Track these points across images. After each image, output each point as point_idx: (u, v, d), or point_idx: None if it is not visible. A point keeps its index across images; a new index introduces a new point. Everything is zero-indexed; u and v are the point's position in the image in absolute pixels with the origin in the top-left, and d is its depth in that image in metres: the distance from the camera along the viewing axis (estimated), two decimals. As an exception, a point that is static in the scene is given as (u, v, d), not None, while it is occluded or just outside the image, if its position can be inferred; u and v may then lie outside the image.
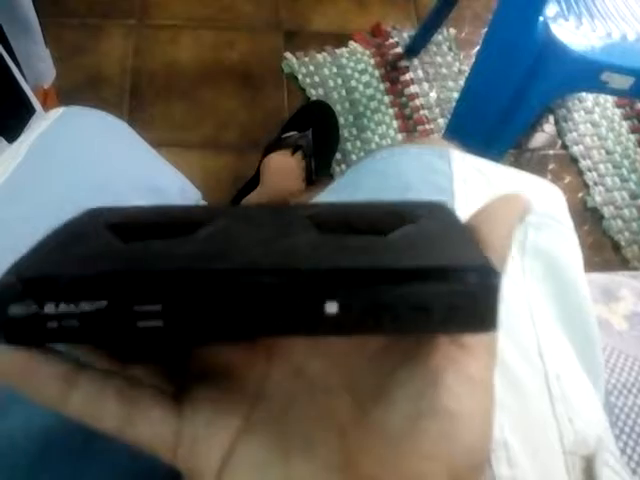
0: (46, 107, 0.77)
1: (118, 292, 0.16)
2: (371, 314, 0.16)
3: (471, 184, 0.39)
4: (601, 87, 0.78)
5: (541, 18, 0.76)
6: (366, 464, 0.18)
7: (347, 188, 0.39)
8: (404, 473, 0.17)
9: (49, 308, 0.16)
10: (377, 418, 0.18)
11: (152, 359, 0.20)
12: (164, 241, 0.19)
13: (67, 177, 0.34)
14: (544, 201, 0.40)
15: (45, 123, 0.39)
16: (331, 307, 0.16)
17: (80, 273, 0.16)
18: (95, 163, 0.36)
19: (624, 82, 0.77)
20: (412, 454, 0.17)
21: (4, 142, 0.53)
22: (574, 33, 0.78)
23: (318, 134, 1.04)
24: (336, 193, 0.40)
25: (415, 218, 0.21)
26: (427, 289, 0.16)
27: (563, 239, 0.39)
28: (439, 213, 0.22)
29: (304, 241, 0.19)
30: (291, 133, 1.04)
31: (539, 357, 0.31)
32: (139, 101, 1.15)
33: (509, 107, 0.84)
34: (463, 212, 0.38)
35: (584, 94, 1.27)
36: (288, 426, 0.19)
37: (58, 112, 0.40)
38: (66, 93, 1.08)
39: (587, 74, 0.78)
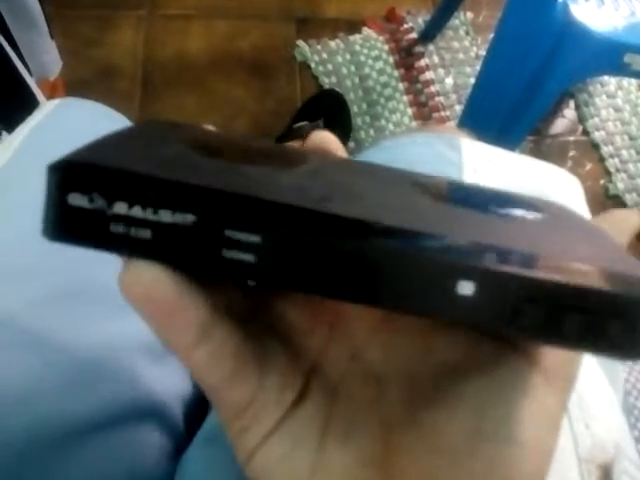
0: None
1: (213, 207, 0.13)
2: (511, 307, 0.13)
3: (482, 174, 0.37)
4: (624, 70, 0.75)
5: (560, -2, 0.73)
6: (403, 465, 0.16)
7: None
8: None
9: (119, 207, 0.13)
10: (430, 423, 0.17)
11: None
12: (261, 168, 0.15)
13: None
14: (561, 191, 0.38)
15: (40, 115, 0.38)
16: (465, 288, 0.13)
17: (169, 176, 0.13)
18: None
19: (648, 64, 0.74)
20: (459, 470, 0.16)
21: (5, 134, 0.53)
22: (595, 13, 0.75)
23: (330, 123, 1.03)
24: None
25: (542, 209, 0.18)
26: (586, 289, 0.13)
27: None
28: (559, 207, 0.19)
29: (426, 205, 0.15)
30: (302, 123, 1.02)
31: None
32: (151, 92, 1.14)
33: (527, 92, 0.81)
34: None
35: (606, 78, 1.23)
36: (334, 407, 0.18)
37: (53, 104, 0.39)
38: (77, 85, 1.08)
39: (609, 56, 0.75)
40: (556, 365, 0.17)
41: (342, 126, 1.08)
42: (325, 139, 0.21)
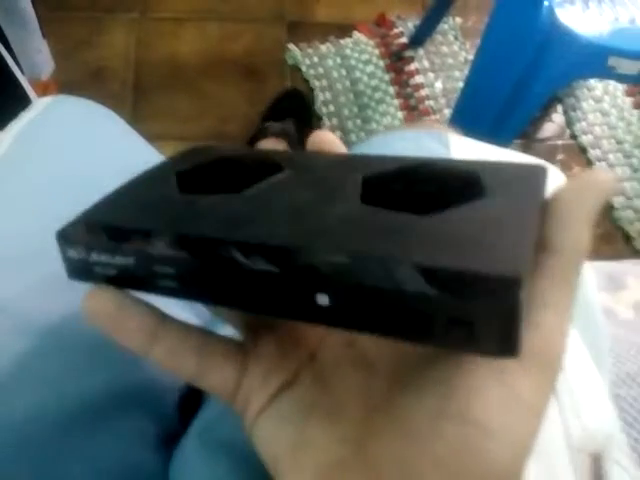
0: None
1: (141, 251, 0.17)
2: (364, 313, 0.15)
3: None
4: (608, 73, 0.76)
5: (546, 2, 0.74)
6: (375, 449, 0.17)
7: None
8: (407, 470, 0.16)
9: (95, 256, 0.18)
10: (401, 407, 0.17)
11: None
12: (214, 197, 0.20)
13: (51, 166, 0.33)
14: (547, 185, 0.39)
15: (32, 112, 0.38)
16: (322, 299, 0.16)
17: (119, 228, 0.18)
18: (81, 153, 0.35)
19: (632, 67, 0.75)
20: (424, 453, 0.16)
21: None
22: (580, 17, 0.76)
23: (296, 121, 1.05)
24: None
25: (487, 190, 0.19)
26: (432, 293, 0.14)
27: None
28: (524, 183, 0.20)
29: (337, 214, 0.18)
30: (272, 122, 1.04)
31: None
32: (142, 94, 1.14)
33: (514, 95, 0.82)
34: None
35: (593, 82, 1.25)
36: (323, 390, 0.19)
37: (46, 101, 0.39)
38: (69, 87, 1.07)
39: (594, 59, 0.76)
40: (534, 351, 0.16)
41: (307, 124, 1.10)
42: (323, 139, 0.23)
